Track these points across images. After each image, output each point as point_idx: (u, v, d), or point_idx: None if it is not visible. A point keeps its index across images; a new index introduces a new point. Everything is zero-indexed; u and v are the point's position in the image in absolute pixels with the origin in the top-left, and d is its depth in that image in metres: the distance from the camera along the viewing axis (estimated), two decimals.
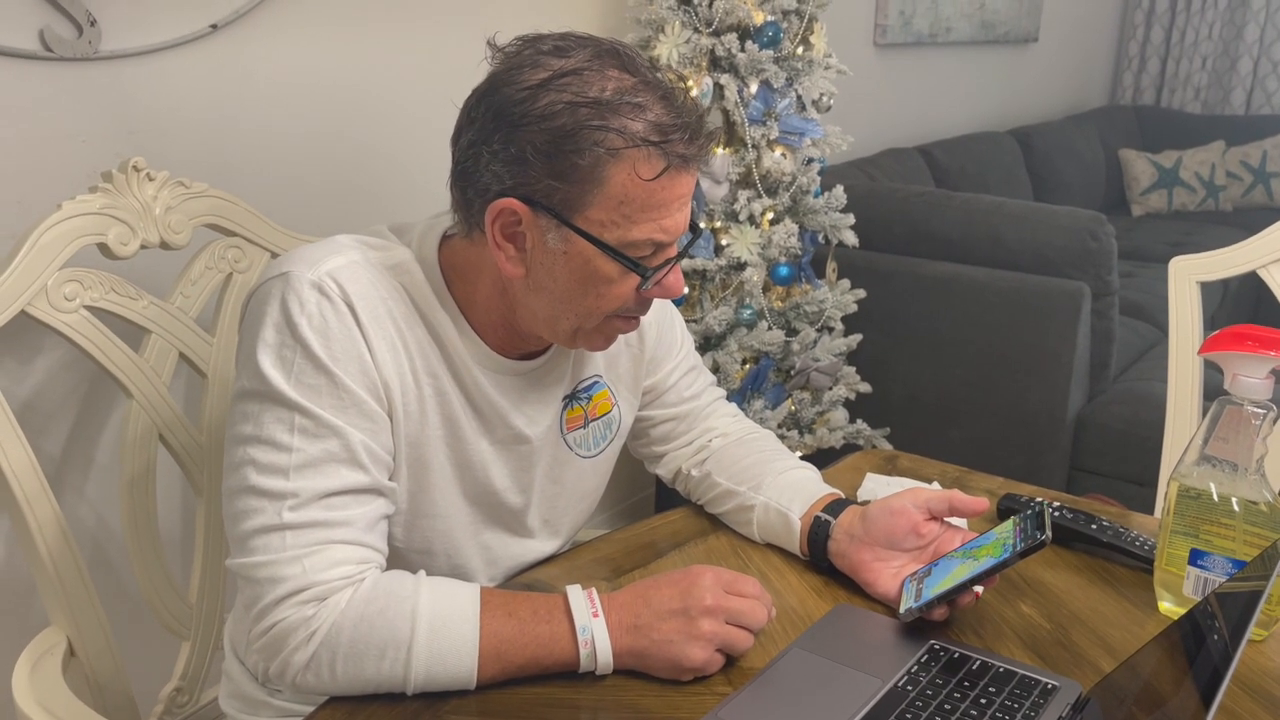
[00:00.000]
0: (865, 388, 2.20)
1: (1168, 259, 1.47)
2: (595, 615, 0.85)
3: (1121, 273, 2.67)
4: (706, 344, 2.03)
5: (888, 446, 2.22)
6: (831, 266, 2.19)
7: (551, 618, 0.85)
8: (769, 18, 1.92)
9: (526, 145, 0.84)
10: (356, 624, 0.82)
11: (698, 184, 1.84)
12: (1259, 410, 0.90)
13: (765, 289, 2.05)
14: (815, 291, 2.09)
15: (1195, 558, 0.92)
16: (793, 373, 2.08)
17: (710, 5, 1.90)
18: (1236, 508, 0.91)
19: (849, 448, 2.16)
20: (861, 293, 2.15)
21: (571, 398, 1.03)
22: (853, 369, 2.18)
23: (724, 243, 1.97)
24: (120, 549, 1.47)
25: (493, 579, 1.03)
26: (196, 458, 1.22)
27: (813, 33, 1.99)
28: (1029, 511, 0.92)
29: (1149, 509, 1.48)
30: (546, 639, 0.84)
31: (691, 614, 0.85)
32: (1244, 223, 4.03)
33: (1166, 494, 0.95)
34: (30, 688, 1.03)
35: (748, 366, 2.05)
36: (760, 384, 2.06)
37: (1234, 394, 0.91)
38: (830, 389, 2.14)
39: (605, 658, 0.84)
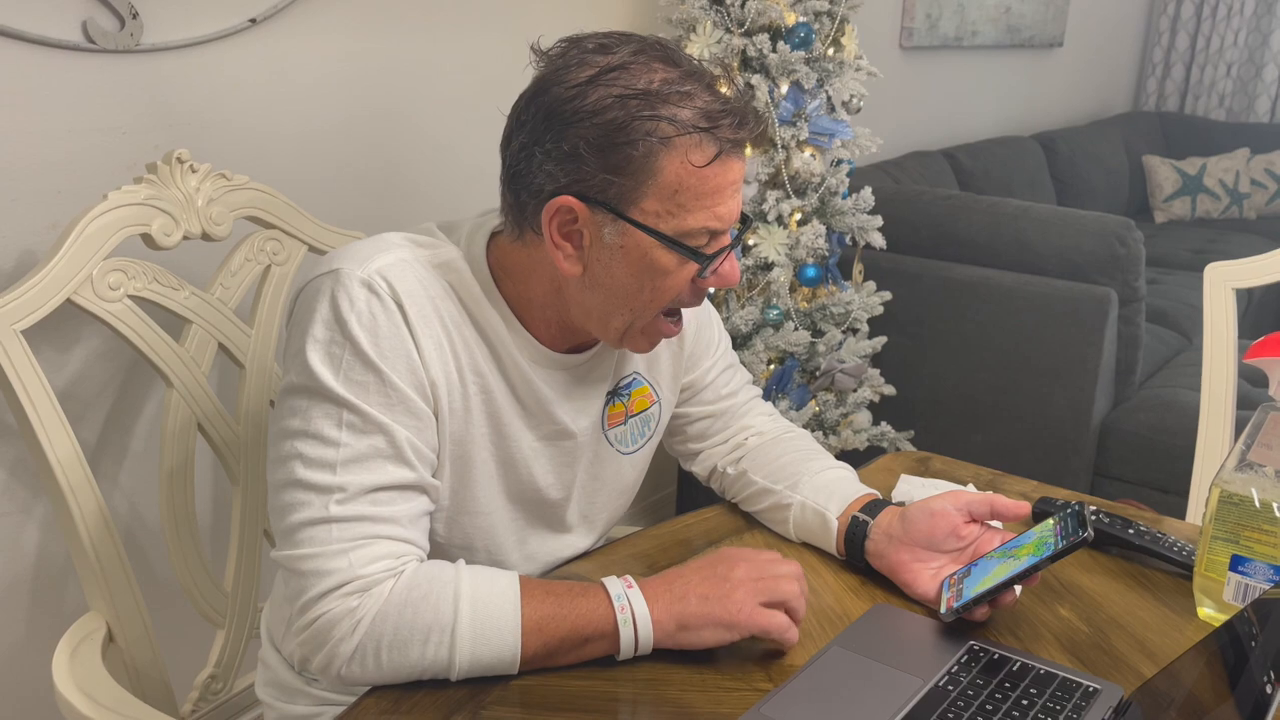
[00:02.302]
0: (890, 390, 2.20)
1: (1191, 266, 1.48)
2: (630, 587, 0.87)
3: (1146, 279, 2.67)
4: (732, 344, 2.03)
5: (911, 449, 2.22)
6: (858, 268, 2.19)
7: (588, 592, 0.87)
8: (801, 19, 1.92)
9: (579, 141, 0.85)
10: (400, 610, 0.83)
11: None
12: None
13: (792, 290, 2.05)
14: (841, 293, 2.09)
15: (1236, 564, 0.92)
16: (818, 374, 2.08)
17: (742, 5, 1.90)
18: (1278, 514, 0.90)
19: (873, 450, 2.16)
20: (887, 295, 2.15)
21: (614, 394, 1.04)
22: (877, 371, 2.18)
23: (751, 243, 1.98)
24: (153, 536, 1.48)
25: (530, 574, 1.04)
26: (234, 448, 1.23)
27: (844, 34, 1.99)
28: (1069, 511, 0.93)
29: (1173, 516, 1.48)
30: (585, 610, 0.85)
31: (722, 572, 0.88)
32: (1268, 230, 4.01)
33: (1208, 499, 0.95)
34: (70, 672, 1.04)
35: (773, 367, 2.06)
36: (785, 385, 2.06)
37: (1278, 400, 0.91)
38: (855, 391, 2.14)
39: (645, 623, 0.85)
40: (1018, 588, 0.92)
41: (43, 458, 1.06)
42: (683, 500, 2.39)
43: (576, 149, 0.85)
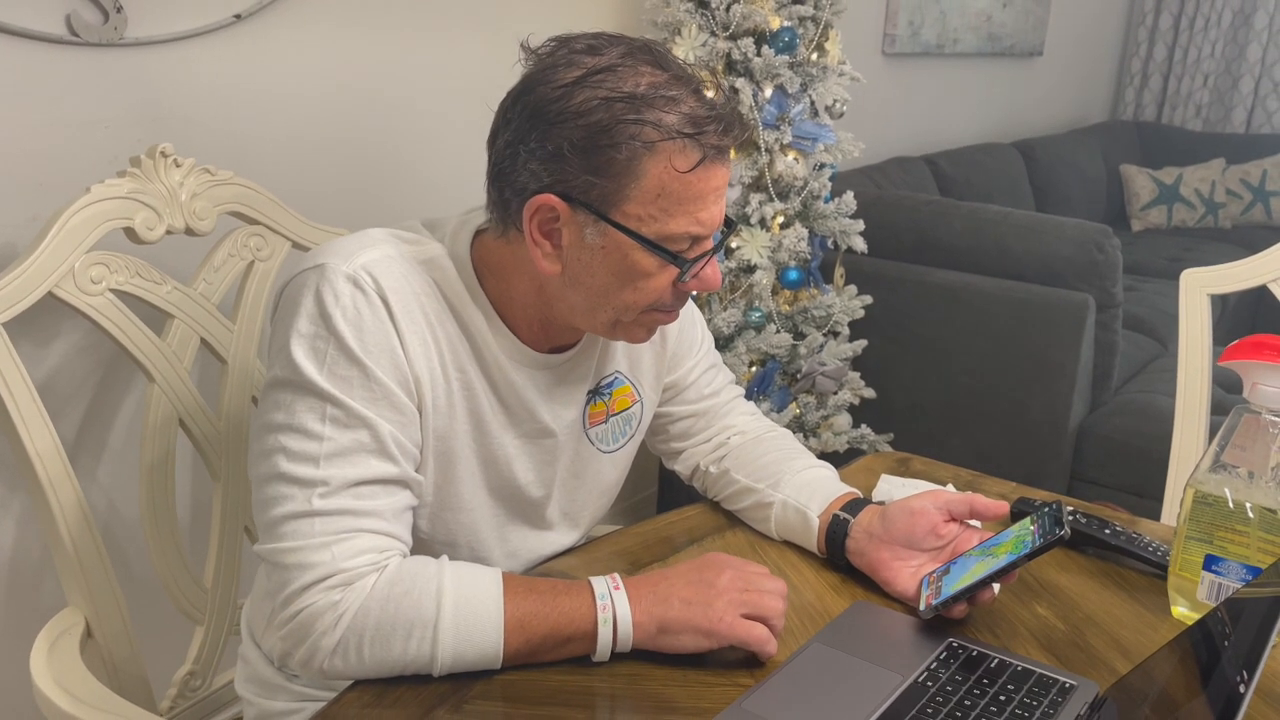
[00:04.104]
0: (870, 393, 2.21)
1: (1167, 274, 1.50)
2: (616, 588, 0.87)
3: (1123, 286, 2.70)
4: (714, 345, 2.04)
5: (891, 452, 2.24)
6: (839, 272, 2.20)
7: (571, 590, 0.87)
8: (785, 23, 1.93)
9: (563, 141, 0.85)
10: (383, 605, 0.83)
11: None
12: (1276, 419, 0.91)
13: (774, 292, 2.07)
14: (823, 296, 2.10)
15: (1210, 563, 0.94)
16: (799, 376, 2.09)
17: (727, 9, 1.91)
18: (1251, 514, 0.92)
19: (853, 452, 2.17)
20: (868, 299, 2.16)
21: (595, 393, 1.04)
22: (858, 374, 2.20)
23: (734, 245, 1.99)
24: (130, 532, 1.48)
25: (512, 570, 1.04)
26: (215, 443, 1.23)
27: (828, 39, 2.00)
28: (1046, 510, 0.94)
29: (1149, 519, 1.50)
30: (567, 608, 0.85)
31: (708, 579, 0.88)
32: (1242, 240, 4.06)
33: (1182, 500, 0.96)
34: (48, 667, 1.04)
35: (754, 369, 2.07)
36: (766, 387, 2.08)
37: (1253, 402, 0.92)
38: (835, 393, 2.15)
39: (625, 625, 0.85)
40: (996, 585, 0.93)
41: (22, 451, 1.05)
42: (663, 500, 2.39)
43: (560, 149, 0.85)
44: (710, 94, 0.90)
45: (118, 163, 1.19)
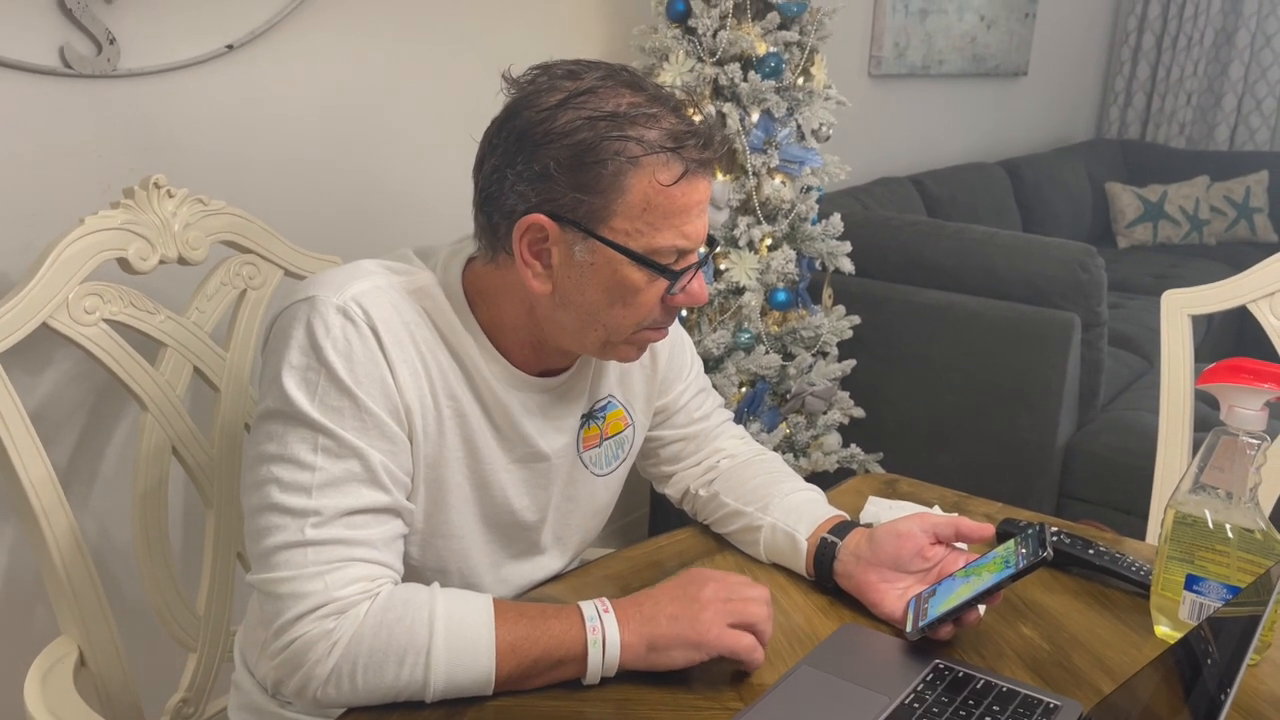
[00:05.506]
0: (859, 413, 2.23)
1: (1153, 291, 1.51)
2: (606, 610, 0.89)
3: (1108, 304, 2.72)
4: (704, 367, 2.05)
5: (880, 471, 2.25)
6: (828, 293, 2.22)
7: (561, 614, 0.88)
8: (771, 49, 1.96)
9: (549, 161, 0.87)
10: (376, 632, 0.84)
11: None
12: (1254, 441, 0.93)
13: (763, 314, 2.08)
14: (811, 317, 2.12)
15: (1191, 583, 0.95)
16: (788, 397, 2.11)
17: (714, 35, 1.94)
18: (1231, 535, 0.93)
19: (843, 472, 2.19)
20: (856, 319, 2.18)
21: (589, 416, 1.06)
22: (847, 394, 2.21)
23: (723, 267, 2.01)
24: (123, 559, 1.48)
25: (504, 597, 1.05)
26: (207, 471, 1.24)
27: (813, 64, 2.03)
28: (1030, 531, 0.95)
29: (1136, 537, 1.52)
30: (558, 631, 0.87)
31: (692, 593, 0.89)
32: (1227, 257, 4.10)
33: (1163, 521, 0.97)
34: (42, 696, 1.04)
35: (744, 390, 2.08)
36: (756, 407, 2.09)
37: (1230, 425, 0.94)
38: (825, 413, 2.16)
39: (614, 646, 0.86)
40: (981, 607, 0.95)
41: (15, 480, 1.06)
42: (655, 523, 2.40)
43: (547, 169, 0.87)
44: (695, 117, 0.92)
45: (111, 192, 1.21)
